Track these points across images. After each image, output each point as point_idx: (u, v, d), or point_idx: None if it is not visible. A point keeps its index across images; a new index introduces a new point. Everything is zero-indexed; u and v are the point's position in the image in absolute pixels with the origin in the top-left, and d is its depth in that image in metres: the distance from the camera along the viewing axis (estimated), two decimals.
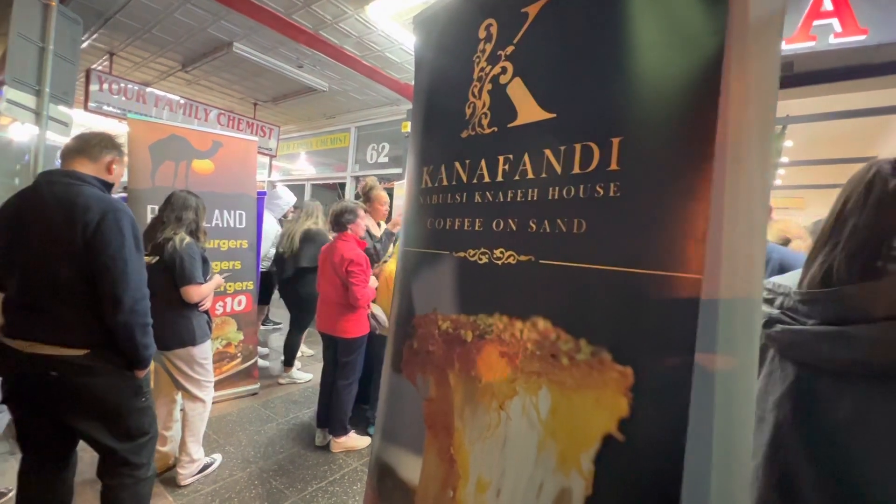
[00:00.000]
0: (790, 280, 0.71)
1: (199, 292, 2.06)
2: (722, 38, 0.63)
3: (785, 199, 6.75)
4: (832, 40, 2.70)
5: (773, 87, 0.64)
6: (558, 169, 0.84)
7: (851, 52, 2.71)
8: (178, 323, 2.07)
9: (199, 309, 2.15)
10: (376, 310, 2.64)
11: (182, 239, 2.04)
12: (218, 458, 2.39)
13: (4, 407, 1.87)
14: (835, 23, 2.68)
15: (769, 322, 0.67)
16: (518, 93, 0.92)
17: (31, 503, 1.45)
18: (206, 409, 2.25)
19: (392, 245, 2.90)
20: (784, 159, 5.01)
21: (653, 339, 0.69)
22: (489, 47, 0.99)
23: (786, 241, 2.47)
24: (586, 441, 0.74)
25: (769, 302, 0.70)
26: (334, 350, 2.63)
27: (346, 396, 2.58)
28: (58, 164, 1.50)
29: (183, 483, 2.16)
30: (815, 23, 2.72)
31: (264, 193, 3.91)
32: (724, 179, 0.63)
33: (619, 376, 0.71)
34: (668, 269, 0.67)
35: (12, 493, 1.88)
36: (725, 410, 0.62)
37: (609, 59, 0.77)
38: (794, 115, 3.73)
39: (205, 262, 2.15)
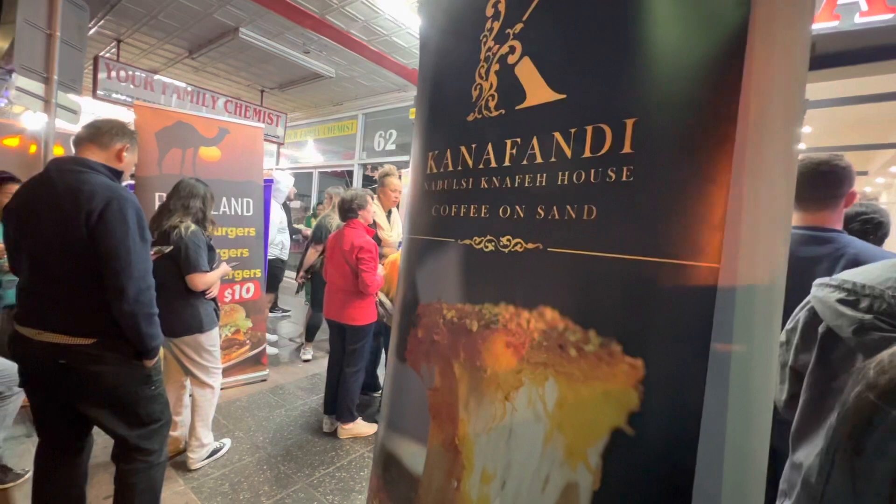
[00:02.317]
0: (870, 277, 0.65)
1: (203, 280, 2.06)
2: (746, 10, 0.59)
3: None
4: (857, 20, 2.59)
5: (802, 64, 0.60)
6: (568, 152, 0.80)
7: (878, 32, 2.59)
8: (185, 310, 2.07)
9: (206, 297, 2.15)
10: (383, 298, 2.64)
11: (188, 227, 2.04)
12: (227, 442, 2.42)
13: (18, 390, 1.91)
14: (861, 1, 2.56)
15: (861, 329, 0.62)
16: (527, 73, 0.88)
17: (46, 485, 1.48)
18: (215, 395, 2.28)
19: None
20: (801, 146, 4.87)
21: (665, 330, 0.66)
22: (497, 25, 0.95)
23: None
24: (594, 434, 0.72)
25: (851, 304, 0.64)
26: (342, 337, 2.64)
27: (354, 383, 2.60)
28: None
29: (193, 467, 2.20)
30: (840, 1, 2.60)
31: (271, 181, 3.91)
32: (744, 163, 0.60)
33: (630, 369, 0.68)
34: (683, 258, 0.64)
35: (30, 475, 1.93)
36: (741, 404, 0.59)
37: (624, 34, 0.73)
38: (813, 99, 3.60)
39: (211, 250, 2.15)
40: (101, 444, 2.12)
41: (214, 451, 2.31)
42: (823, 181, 1.20)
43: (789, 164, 0.60)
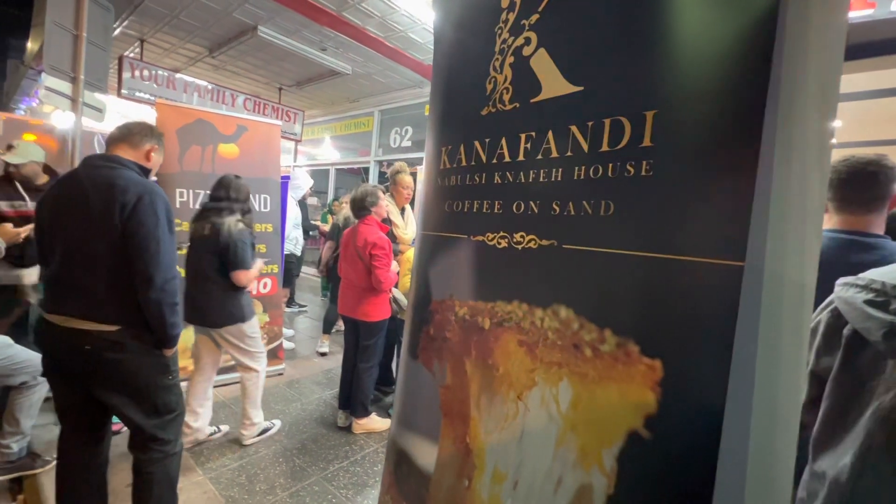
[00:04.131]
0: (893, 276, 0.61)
1: (247, 277, 2.19)
2: None
3: None
4: (894, 7, 2.46)
5: (837, 52, 0.56)
6: (585, 147, 0.78)
7: None
8: (228, 302, 2.19)
9: (246, 289, 2.28)
10: (397, 294, 2.65)
11: (236, 225, 2.14)
12: (277, 423, 2.57)
13: (42, 379, 1.98)
14: None
15: (892, 332, 0.58)
16: (542, 65, 0.86)
17: (69, 472, 1.54)
18: (261, 378, 2.42)
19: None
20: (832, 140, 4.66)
21: (686, 331, 0.63)
22: (512, 17, 0.93)
23: None
24: (609, 437, 0.70)
25: (880, 306, 0.60)
26: (356, 333, 2.66)
27: (368, 379, 2.62)
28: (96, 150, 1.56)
29: (245, 443, 2.38)
30: None
31: (288, 178, 3.96)
32: (772, 157, 0.57)
33: (647, 370, 0.66)
34: (705, 256, 0.61)
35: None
36: (766, 409, 0.56)
37: (644, 22, 0.70)
38: (844, 91, 3.44)
39: (252, 247, 2.24)
40: (124, 433, 2.18)
41: (265, 430, 2.47)
42: (872, 182, 1.11)
43: (822, 159, 0.57)
